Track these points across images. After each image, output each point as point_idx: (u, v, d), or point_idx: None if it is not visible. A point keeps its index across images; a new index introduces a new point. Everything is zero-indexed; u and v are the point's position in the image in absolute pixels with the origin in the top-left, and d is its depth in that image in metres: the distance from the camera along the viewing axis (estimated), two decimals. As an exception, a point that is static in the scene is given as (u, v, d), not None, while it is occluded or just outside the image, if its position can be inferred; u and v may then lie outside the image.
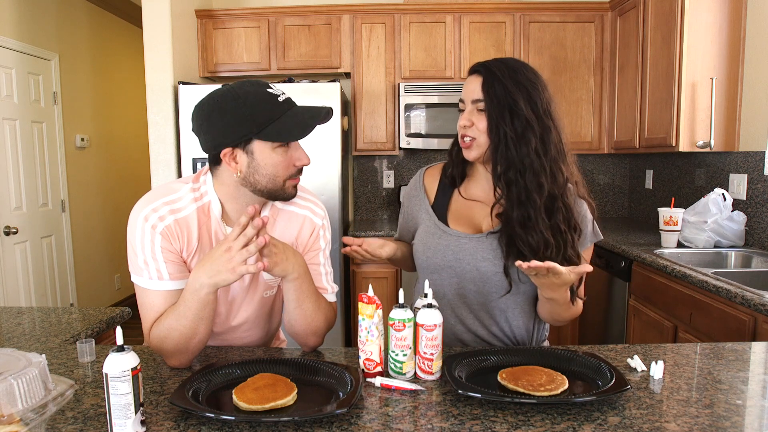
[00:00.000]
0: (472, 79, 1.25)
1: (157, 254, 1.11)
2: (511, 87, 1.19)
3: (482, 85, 1.21)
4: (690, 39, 2.59)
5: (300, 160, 1.15)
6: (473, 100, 1.23)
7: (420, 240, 1.35)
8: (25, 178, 3.65)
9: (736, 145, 2.65)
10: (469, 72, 1.28)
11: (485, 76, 1.21)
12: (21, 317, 1.57)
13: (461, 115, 1.26)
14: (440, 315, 1.05)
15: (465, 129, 1.24)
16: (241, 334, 1.31)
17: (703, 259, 2.47)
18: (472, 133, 1.23)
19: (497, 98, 1.19)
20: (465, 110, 1.25)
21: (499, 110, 1.19)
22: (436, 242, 1.31)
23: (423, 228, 1.36)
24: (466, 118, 1.24)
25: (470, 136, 1.24)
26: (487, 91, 1.20)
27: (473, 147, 1.25)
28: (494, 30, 3.47)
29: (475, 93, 1.22)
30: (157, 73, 3.19)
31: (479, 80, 1.22)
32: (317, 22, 3.49)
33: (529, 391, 0.95)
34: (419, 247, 1.35)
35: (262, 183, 1.13)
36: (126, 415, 0.83)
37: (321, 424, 0.88)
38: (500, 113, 1.19)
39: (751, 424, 0.89)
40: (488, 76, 1.21)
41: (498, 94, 1.19)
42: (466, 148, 1.26)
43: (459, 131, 1.27)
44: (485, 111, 1.21)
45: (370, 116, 3.56)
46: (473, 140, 1.24)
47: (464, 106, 1.26)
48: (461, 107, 1.27)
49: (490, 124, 1.20)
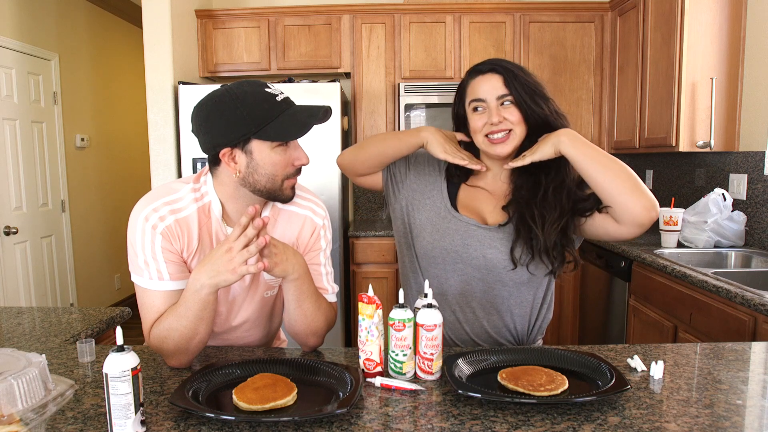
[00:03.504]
0: (488, 78, 1.26)
1: (157, 254, 1.11)
2: (528, 78, 1.26)
3: (504, 81, 1.24)
4: (690, 39, 2.59)
5: (299, 160, 1.15)
6: (498, 96, 1.25)
7: (428, 221, 1.35)
8: (25, 178, 3.65)
9: (736, 145, 2.65)
10: (474, 73, 1.29)
11: (503, 72, 1.25)
12: (21, 317, 1.57)
13: (483, 115, 1.26)
14: (440, 315, 1.05)
15: (498, 125, 1.25)
16: (241, 334, 1.31)
17: (703, 259, 2.47)
18: (506, 126, 1.25)
19: (524, 87, 1.24)
20: (488, 108, 1.26)
21: (530, 97, 1.24)
22: (445, 226, 1.32)
23: (431, 209, 1.36)
24: (497, 114, 1.24)
25: (505, 129, 1.25)
26: (511, 85, 1.24)
27: (509, 141, 1.26)
28: (494, 30, 3.47)
29: (498, 89, 1.25)
30: (157, 73, 3.19)
31: (498, 77, 1.25)
32: (317, 22, 3.49)
33: (529, 391, 0.95)
34: (426, 228, 1.34)
35: (261, 183, 1.13)
36: (126, 415, 0.83)
37: (321, 424, 0.88)
38: (533, 99, 1.24)
39: (751, 424, 0.89)
40: (506, 72, 1.25)
41: (523, 83, 1.24)
42: (502, 142, 1.27)
43: (485, 129, 1.26)
44: (515, 103, 1.25)
45: (370, 116, 3.56)
46: (509, 133, 1.26)
47: (483, 105, 1.26)
48: (477, 106, 1.27)
49: (526, 113, 1.25)
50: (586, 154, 1.19)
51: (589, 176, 1.19)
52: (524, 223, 1.26)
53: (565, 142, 1.20)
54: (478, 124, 1.27)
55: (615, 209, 1.19)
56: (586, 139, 1.22)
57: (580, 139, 1.21)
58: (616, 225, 1.21)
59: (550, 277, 1.34)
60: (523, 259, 1.27)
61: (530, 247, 1.26)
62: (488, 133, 1.26)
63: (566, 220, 1.25)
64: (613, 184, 1.17)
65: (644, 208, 1.16)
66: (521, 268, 1.27)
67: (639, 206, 1.16)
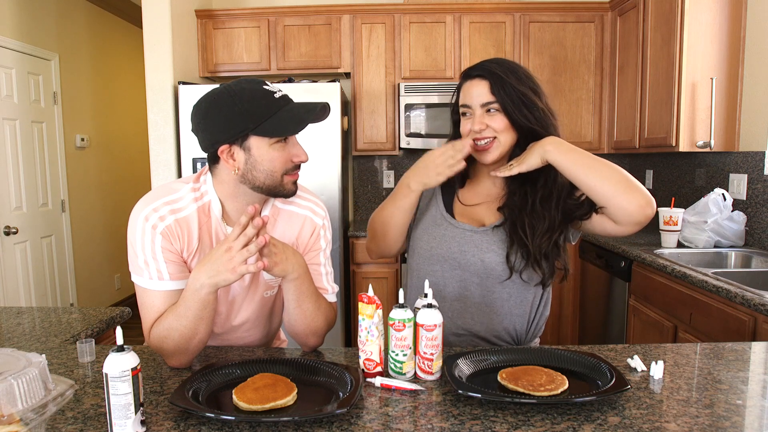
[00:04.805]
0: (475, 83, 1.25)
1: (157, 254, 1.11)
2: (517, 83, 1.22)
3: (490, 87, 1.22)
4: (690, 39, 2.59)
5: (297, 156, 1.15)
6: (483, 104, 1.23)
7: (424, 229, 1.35)
8: (25, 178, 3.65)
9: (736, 145, 2.65)
10: (465, 77, 1.28)
11: (490, 78, 1.23)
12: (21, 317, 1.57)
13: (470, 120, 1.26)
14: (440, 315, 1.05)
15: (480, 132, 1.24)
16: (241, 334, 1.31)
17: (703, 259, 2.47)
18: (489, 134, 1.24)
19: (509, 96, 1.21)
20: (473, 115, 1.25)
21: (514, 106, 1.22)
22: (441, 233, 1.32)
23: (428, 217, 1.36)
24: (479, 122, 1.23)
25: (488, 137, 1.24)
26: (497, 92, 1.22)
27: (493, 149, 1.25)
28: (494, 30, 3.47)
29: (483, 96, 1.23)
30: (157, 73, 3.19)
31: (484, 83, 1.23)
32: (317, 22, 3.50)
33: (529, 391, 0.95)
34: (423, 236, 1.35)
35: (260, 179, 1.13)
36: (126, 415, 0.83)
37: (321, 424, 0.88)
38: (518, 108, 1.22)
39: (751, 424, 0.89)
40: (493, 78, 1.23)
41: (509, 92, 1.21)
42: (484, 150, 1.26)
43: (469, 136, 1.25)
44: (501, 111, 1.23)
45: (370, 116, 3.56)
46: (493, 141, 1.25)
47: (469, 110, 1.26)
48: (465, 112, 1.27)
49: (512, 120, 1.23)
50: (573, 160, 1.17)
51: (580, 181, 1.18)
52: (516, 232, 1.26)
53: (551, 151, 1.18)
54: (464, 129, 1.27)
55: (610, 210, 1.18)
56: (573, 145, 1.20)
57: (565, 145, 1.19)
58: (614, 224, 1.21)
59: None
60: (517, 266, 1.27)
61: (524, 254, 1.26)
62: (474, 139, 1.25)
63: (558, 233, 1.25)
64: (604, 186, 1.15)
65: (639, 207, 1.15)
66: (516, 274, 1.28)
67: (634, 205, 1.15)
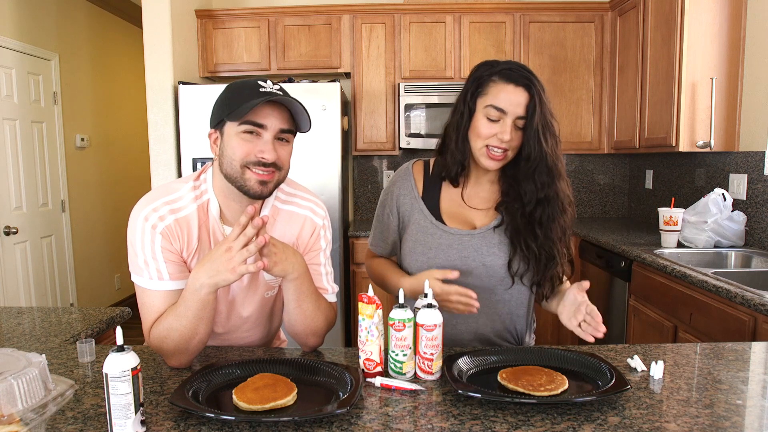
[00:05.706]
0: (519, 92, 1.18)
1: (157, 254, 1.11)
2: (548, 106, 1.20)
3: (528, 104, 1.18)
4: (690, 39, 2.59)
5: (261, 153, 1.10)
6: (518, 116, 1.19)
7: (416, 240, 1.31)
8: (25, 178, 3.65)
9: (736, 145, 2.65)
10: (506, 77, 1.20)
11: (531, 94, 1.18)
12: (21, 317, 1.57)
13: (497, 125, 1.19)
14: (440, 315, 1.05)
15: (505, 143, 1.19)
16: (241, 334, 1.31)
17: (703, 259, 2.47)
18: (510, 146, 1.21)
19: (540, 118, 1.18)
20: (504, 122, 1.19)
21: (542, 130, 1.19)
22: (436, 242, 1.29)
23: (416, 228, 1.32)
24: (510, 133, 1.19)
25: (507, 149, 1.21)
26: (532, 112, 1.18)
27: (503, 161, 1.23)
28: (494, 30, 3.47)
29: (520, 108, 1.18)
30: (157, 73, 3.19)
31: (525, 96, 1.18)
32: (317, 22, 3.49)
33: (529, 391, 0.95)
34: (416, 248, 1.31)
35: (225, 167, 1.13)
36: (126, 415, 0.83)
37: (321, 424, 0.88)
38: (543, 134, 1.19)
39: (751, 424, 0.89)
40: (534, 95, 1.18)
41: (541, 113, 1.18)
42: (498, 160, 1.22)
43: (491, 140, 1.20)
44: (524, 129, 1.19)
45: (370, 116, 3.56)
46: (505, 153, 1.22)
47: (501, 116, 1.19)
48: (496, 117, 1.19)
49: (530, 143, 1.19)
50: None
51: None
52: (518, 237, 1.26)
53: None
54: (486, 131, 1.20)
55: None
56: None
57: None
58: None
59: None
60: (520, 271, 1.27)
61: (526, 257, 1.26)
62: (489, 145, 1.21)
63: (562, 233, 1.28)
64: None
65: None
66: (517, 278, 1.28)
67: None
